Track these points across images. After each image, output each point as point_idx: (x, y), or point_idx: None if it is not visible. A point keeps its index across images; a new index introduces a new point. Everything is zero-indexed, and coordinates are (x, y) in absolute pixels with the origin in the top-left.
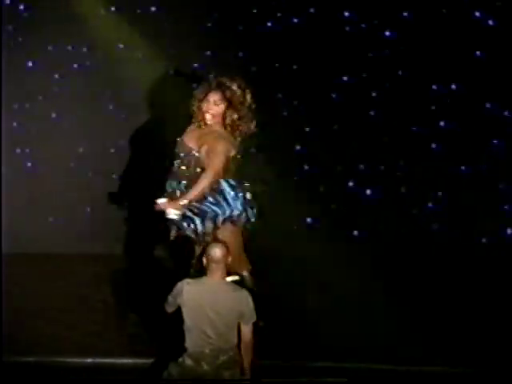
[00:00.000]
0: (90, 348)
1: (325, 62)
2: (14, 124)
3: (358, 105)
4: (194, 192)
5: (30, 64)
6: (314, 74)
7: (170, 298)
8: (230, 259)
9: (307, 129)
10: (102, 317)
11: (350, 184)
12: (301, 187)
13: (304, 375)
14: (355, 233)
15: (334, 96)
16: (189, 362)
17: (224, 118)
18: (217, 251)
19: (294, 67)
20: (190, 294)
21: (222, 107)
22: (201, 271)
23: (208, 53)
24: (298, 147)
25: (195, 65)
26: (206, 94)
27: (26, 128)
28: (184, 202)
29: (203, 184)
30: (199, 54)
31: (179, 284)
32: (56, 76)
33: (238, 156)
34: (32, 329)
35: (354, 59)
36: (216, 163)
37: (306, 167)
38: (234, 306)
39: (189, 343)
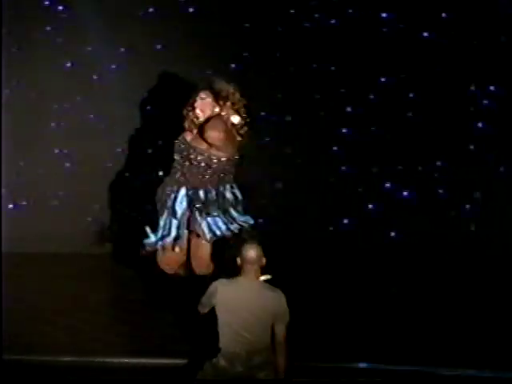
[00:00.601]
0: (125, 348)
1: (362, 63)
2: (53, 124)
3: (395, 106)
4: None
5: (69, 64)
6: (351, 74)
7: (203, 299)
8: (264, 260)
9: (344, 130)
10: (138, 317)
11: (387, 185)
12: (338, 188)
13: (337, 376)
14: (392, 234)
15: (371, 97)
16: (223, 362)
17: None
18: (252, 252)
19: (332, 68)
20: (224, 295)
21: (208, 100)
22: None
23: (246, 54)
24: (334, 148)
25: (233, 65)
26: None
27: (65, 128)
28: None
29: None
30: (237, 54)
31: (213, 284)
32: (94, 76)
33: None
34: (69, 328)
35: (392, 60)
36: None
37: (343, 168)
38: (268, 306)
39: (223, 344)
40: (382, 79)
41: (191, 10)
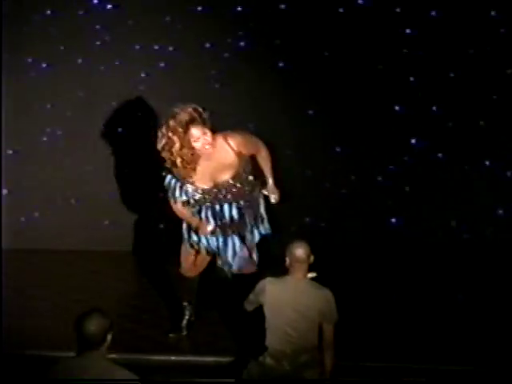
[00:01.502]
0: (172, 345)
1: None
2: (101, 122)
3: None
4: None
5: (117, 63)
6: (391, 74)
7: (251, 297)
8: (312, 258)
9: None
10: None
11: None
12: (383, 187)
13: (381, 376)
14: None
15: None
16: (269, 360)
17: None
18: (301, 250)
19: (380, 67)
20: (272, 293)
21: (207, 133)
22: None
23: (293, 52)
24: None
25: (280, 64)
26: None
27: (112, 127)
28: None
29: (268, 159)
30: (285, 52)
31: (261, 283)
32: (142, 75)
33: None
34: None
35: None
36: (257, 143)
37: (391, 167)
38: (315, 305)
39: (270, 342)
40: (432, 77)
41: (239, 8)
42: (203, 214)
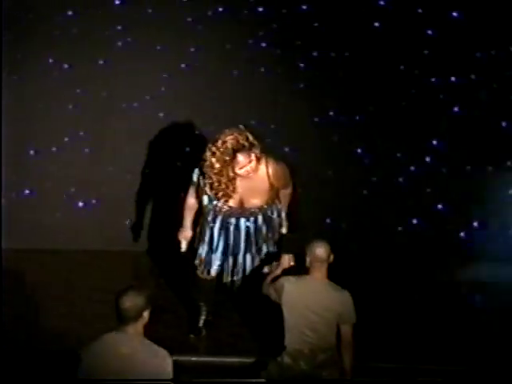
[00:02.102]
0: (193, 346)
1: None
2: (123, 123)
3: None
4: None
5: (139, 64)
6: (421, 75)
7: (270, 289)
8: (332, 257)
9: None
10: None
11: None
12: (406, 189)
13: (395, 376)
14: (462, 234)
15: (441, 97)
16: (287, 360)
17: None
18: (321, 249)
19: (401, 67)
20: (290, 293)
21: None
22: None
23: (315, 53)
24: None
25: (301, 65)
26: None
27: (134, 127)
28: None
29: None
30: (305, 54)
31: (280, 282)
32: (164, 76)
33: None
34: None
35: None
36: (290, 181)
37: (412, 168)
38: (333, 305)
39: (288, 342)
40: (452, 78)
41: (260, 9)
42: (216, 227)
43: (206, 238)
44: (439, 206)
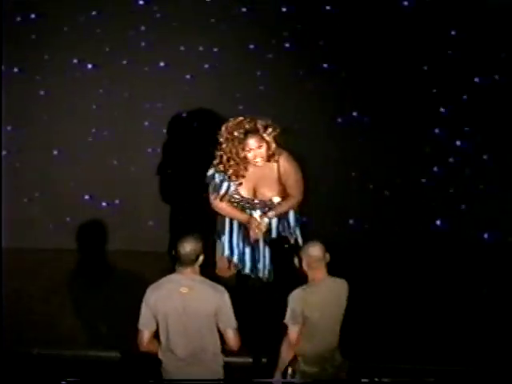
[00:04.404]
0: None
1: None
2: (146, 123)
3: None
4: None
5: (162, 64)
6: (445, 75)
7: (294, 313)
8: (328, 256)
9: (437, 130)
10: None
11: (480, 186)
12: (427, 188)
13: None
14: (485, 235)
15: (464, 97)
16: (311, 369)
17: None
18: (317, 249)
19: (425, 68)
20: (312, 302)
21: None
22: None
23: (337, 53)
24: (427, 150)
25: (324, 65)
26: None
27: (157, 127)
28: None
29: (291, 204)
30: (329, 54)
31: (295, 295)
32: (187, 76)
33: None
34: None
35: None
36: (299, 187)
37: (435, 169)
38: (344, 300)
39: (310, 349)
40: (476, 79)
41: (284, 9)
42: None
43: (226, 232)
44: (462, 207)
